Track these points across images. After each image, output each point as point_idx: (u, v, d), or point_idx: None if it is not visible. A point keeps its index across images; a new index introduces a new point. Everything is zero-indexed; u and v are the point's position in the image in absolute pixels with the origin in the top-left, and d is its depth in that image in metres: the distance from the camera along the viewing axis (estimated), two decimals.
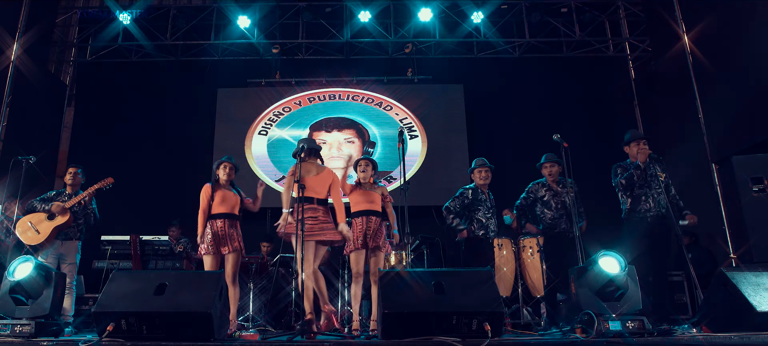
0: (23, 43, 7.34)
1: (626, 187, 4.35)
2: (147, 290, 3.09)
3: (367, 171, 4.40)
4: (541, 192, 4.88)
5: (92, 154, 8.25)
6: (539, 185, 4.93)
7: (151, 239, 6.45)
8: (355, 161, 4.50)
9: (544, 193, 4.87)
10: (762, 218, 4.34)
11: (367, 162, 4.44)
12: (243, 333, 4.05)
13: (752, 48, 5.67)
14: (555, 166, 4.85)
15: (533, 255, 5.18)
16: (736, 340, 2.74)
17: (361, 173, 4.42)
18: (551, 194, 4.82)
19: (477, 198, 4.92)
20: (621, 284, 3.33)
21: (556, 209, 4.76)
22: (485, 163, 5.00)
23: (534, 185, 4.97)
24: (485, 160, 5.04)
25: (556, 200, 4.78)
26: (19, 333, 3.22)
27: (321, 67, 8.93)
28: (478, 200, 4.90)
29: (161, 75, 8.88)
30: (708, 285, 3.48)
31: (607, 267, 3.39)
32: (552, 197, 4.80)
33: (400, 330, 2.95)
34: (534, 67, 8.91)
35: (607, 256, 3.44)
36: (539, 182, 4.96)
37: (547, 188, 4.86)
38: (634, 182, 4.30)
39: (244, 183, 8.13)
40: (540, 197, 4.88)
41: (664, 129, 7.56)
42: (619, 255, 3.44)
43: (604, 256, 3.44)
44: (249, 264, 5.67)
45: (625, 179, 4.32)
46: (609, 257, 3.43)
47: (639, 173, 4.28)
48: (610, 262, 3.41)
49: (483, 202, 4.91)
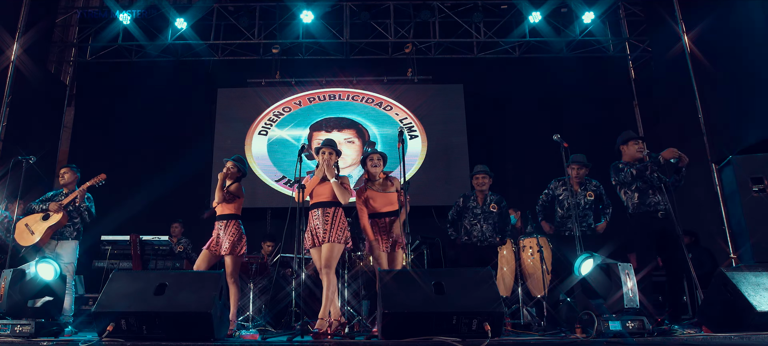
0: (23, 43, 7.34)
1: (635, 178, 4.21)
2: (147, 290, 3.09)
3: (379, 165, 4.27)
4: (559, 190, 4.87)
5: (92, 154, 8.26)
6: (559, 183, 4.92)
7: (151, 239, 6.45)
8: (364, 156, 4.35)
9: (561, 192, 4.86)
10: (762, 218, 4.35)
11: (379, 156, 4.29)
12: (243, 333, 4.04)
13: (752, 48, 5.67)
14: (582, 169, 4.82)
15: (533, 255, 5.19)
16: (736, 340, 2.74)
17: (372, 168, 4.26)
18: (568, 194, 4.78)
19: (466, 205, 4.97)
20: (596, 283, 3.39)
21: (567, 210, 4.74)
22: (481, 170, 4.99)
23: (554, 182, 4.96)
24: (483, 167, 5.02)
25: (570, 201, 4.74)
26: (19, 333, 3.21)
27: (321, 67, 8.94)
28: (467, 208, 4.96)
29: (161, 75, 8.88)
30: (708, 285, 3.48)
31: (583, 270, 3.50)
32: (567, 198, 4.78)
33: (400, 330, 2.95)
34: (534, 67, 8.92)
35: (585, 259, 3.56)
36: (560, 179, 4.94)
37: (566, 188, 4.82)
38: (645, 175, 4.20)
39: (244, 183, 8.14)
40: (557, 195, 4.88)
41: (664, 129, 7.56)
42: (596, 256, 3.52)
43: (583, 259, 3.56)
44: (249, 264, 5.67)
45: (637, 170, 4.19)
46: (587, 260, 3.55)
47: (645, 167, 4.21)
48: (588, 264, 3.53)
49: (471, 209, 4.94)
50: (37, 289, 3.52)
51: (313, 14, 8.39)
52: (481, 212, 4.91)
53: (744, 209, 4.49)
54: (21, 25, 7.35)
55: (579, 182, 4.84)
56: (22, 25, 7.36)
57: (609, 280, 3.36)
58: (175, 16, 8.39)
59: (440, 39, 8.76)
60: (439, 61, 8.97)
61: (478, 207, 4.94)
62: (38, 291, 3.52)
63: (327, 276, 3.81)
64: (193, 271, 4.24)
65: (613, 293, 3.31)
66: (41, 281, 3.54)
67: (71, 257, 4.65)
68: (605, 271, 3.39)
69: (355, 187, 4.53)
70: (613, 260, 3.41)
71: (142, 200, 7.79)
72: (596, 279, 3.44)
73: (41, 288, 3.53)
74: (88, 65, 8.98)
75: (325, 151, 4.05)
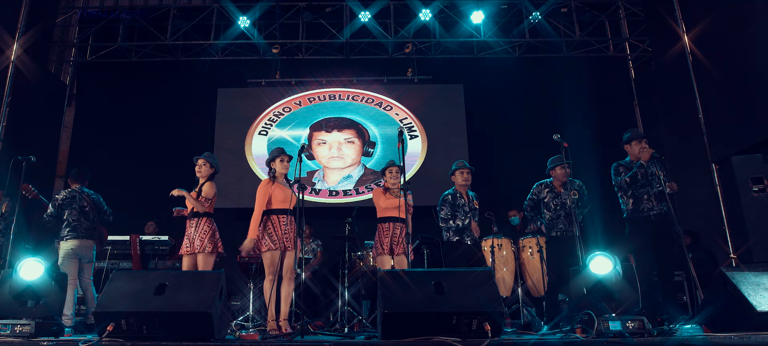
0: (23, 43, 7.34)
1: (629, 185, 4.33)
2: (147, 290, 3.09)
3: (398, 179, 4.56)
4: (544, 193, 4.88)
5: (92, 154, 8.25)
6: (542, 186, 4.92)
7: (151, 239, 6.45)
8: (385, 166, 4.61)
9: (545, 194, 4.87)
10: (762, 218, 4.35)
11: (399, 170, 4.52)
12: (243, 333, 4.04)
13: (752, 48, 5.67)
14: (562, 169, 4.82)
15: (533, 255, 5.19)
16: (736, 340, 2.74)
17: (392, 181, 4.56)
18: (552, 196, 4.82)
19: (456, 203, 4.88)
20: (612, 284, 3.34)
21: (554, 211, 4.76)
22: (465, 165, 4.96)
23: (538, 185, 4.96)
24: (465, 162, 4.99)
25: (556, 202, 4.77)
26: (19, 333, 3.21)
27: (321, 67, 8.94)
28: (456, 206, 4.87)
29: (161, 75, 8.88)
30: (708, 285, 3.48)
31: (597, 268, 3.42)
32: (552, 199, 4.80)
33: (400, 330, 2.95)
34: (534, 67, 8.92)
35: (599, 256, 3.46)
36: (543, 182, 4.94)
37: (550, 190, 4.85)
38: (638, 180, 4.28)
39: (245, 183, 8.18)
40: (542, 199, 4.88)
41: (664, 129, 7.56)
42: (612, 256, 3.47)
43: (596, 256, 3.47)
44: (249, 264, 5.67)
45: (630, 178, 4.30)
46: (601, 258, 3.45)
47: (643, 172, 4.28)
48: (602, 263, 3.44)
49: (461, 206, 4.87)
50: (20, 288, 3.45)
51: (313, 15, 8.40)
52: (469, 209, 4.89)
53: (744, 209, 4.49)
54: (21, 25, 7.34)
55: (560, 182, 4.81)
56: (22, 25, 7.35)
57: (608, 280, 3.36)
58: (175, 16, 8.39)
59: (440, 39, 8.76)
60: (439, 61, 8.97)
61: (466, 204, 4.90)
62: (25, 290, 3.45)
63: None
64: (193, 271, 4.23)
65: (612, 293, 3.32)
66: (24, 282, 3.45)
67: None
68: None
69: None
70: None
71: (142, 200, 7.79)
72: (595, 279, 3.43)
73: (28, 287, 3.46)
74: (88, 65, 8.98)
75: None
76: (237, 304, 5.85)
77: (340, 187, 8.13)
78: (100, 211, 5.01)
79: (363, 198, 7.97)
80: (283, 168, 4.19)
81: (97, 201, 5.03)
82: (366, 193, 8.03)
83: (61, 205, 4.83)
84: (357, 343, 3.26)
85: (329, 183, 8.16)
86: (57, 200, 4.86)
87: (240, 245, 4.04)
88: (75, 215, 4.82)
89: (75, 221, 4.80)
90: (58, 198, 4.87)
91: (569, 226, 4.58)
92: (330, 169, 8.26)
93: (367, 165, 8.26)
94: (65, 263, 4.70)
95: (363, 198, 7.97)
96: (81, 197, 4.90)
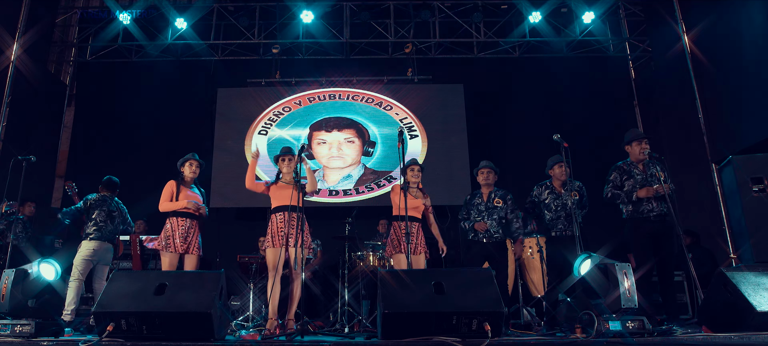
0: (23, 43, 7.34)
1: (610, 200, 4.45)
2: (147, 290, 3.09)
3: (419, 177, 4.53)
4: (544, 195, 4.88)
5: (92, 154, 8.25)
6: (542, 188, 4.92)
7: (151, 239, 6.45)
8: (406, 164, 4.52)
9: (546, 196, 4.87)
10: (762, 218, 4.34)
11: (420, 168, 4.54)
12: (243, 333, 4.04)
13: (752, 48, 5.67)
14: (560, 168, 4.82)
15: (533, 255, 5.19)
16: (736, 340, 2.73)
17: (413, 179, 4.51)
18: (553, 197, 4.81)
19: (472, 202, 4.96)
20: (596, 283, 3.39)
21: (555, 211, 4.76)
22: (486, 165, 4.98)
23: (537, 187, 4.96)
24: (488, 162, 5.02)
25: (557, 203, 4.77)
26: (19, 333, 3.21)
27: (321, 67, 8.93)
28: (472, 205, 4.94)
29: (161, 75, 8.88)
30: (708, 285, 3.48)
31: (582, 269, 3.51)
32: (553, 200, 4.80)
33: (400, 330, 2.94)
34: (534, 67, 8.92)
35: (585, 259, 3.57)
36: (543, 183, 4.95)
37: (550, 191, 4.84)
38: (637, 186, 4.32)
39: (244, 183, 8.13)
40: (542, 200, 4.88)
41: (664, 129, 7.56)
42: (595, 256, 3.54)
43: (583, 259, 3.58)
44: (249, 264, 5.67)
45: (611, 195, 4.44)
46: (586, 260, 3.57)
47: (641, 179, 4.31)
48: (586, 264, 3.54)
49: (476, 206, 4.91)
50: (38, 289, 3.53)
51: (313, 14, 8.40)
52: (485, 208, 4.89)
53: (744, 209, 4.49)
54: (21, 25, 7.35)
55: (560, 183, 4.83)
56: (22, 25, 7.36)
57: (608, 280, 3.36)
58: (175, 16, 8.39)
59: (440, 39, 8.76)
60: (439, 61, 8.97)
61: (482, 203, 4.92)
62: (40, 291, 3.53)
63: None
64: (193, 271, 4.23)
65: (612, 293, 3.32)
66: (44, 281, 3.55)
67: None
68: (604, 271, 3.39)
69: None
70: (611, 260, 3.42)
71: (142, 200, 7.78)
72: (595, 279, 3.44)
73: (43, 288, 3.55)
74: (88, 65, 8.98)
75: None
76: (237, 304, 5.85)
77: (340, 186, 8.13)
78: (124, 220, 5.24)
79: (363, 198, 7.97)
80: (288, 167, 4.26)
81: (124, 211, 5.26)
82: (366, 193, 8.03)
83: (92, 205, 4.97)
84: (357, 343, 3.26)
85: (329, 183, 8.16)
86: (89, 200, 4.99)
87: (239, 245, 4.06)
88: (103, 216, 4.95)
89: (102, 222, 4.93)
90: (90, 199, 5.01)
91: (569, 226, 4.58)
92: (330, 168, 8.26)
93: (367, 165, 8.26)
94: (80, 261, 4.77)
95: (363, 198, 7.97)
96: (111, 202, 5.09)
